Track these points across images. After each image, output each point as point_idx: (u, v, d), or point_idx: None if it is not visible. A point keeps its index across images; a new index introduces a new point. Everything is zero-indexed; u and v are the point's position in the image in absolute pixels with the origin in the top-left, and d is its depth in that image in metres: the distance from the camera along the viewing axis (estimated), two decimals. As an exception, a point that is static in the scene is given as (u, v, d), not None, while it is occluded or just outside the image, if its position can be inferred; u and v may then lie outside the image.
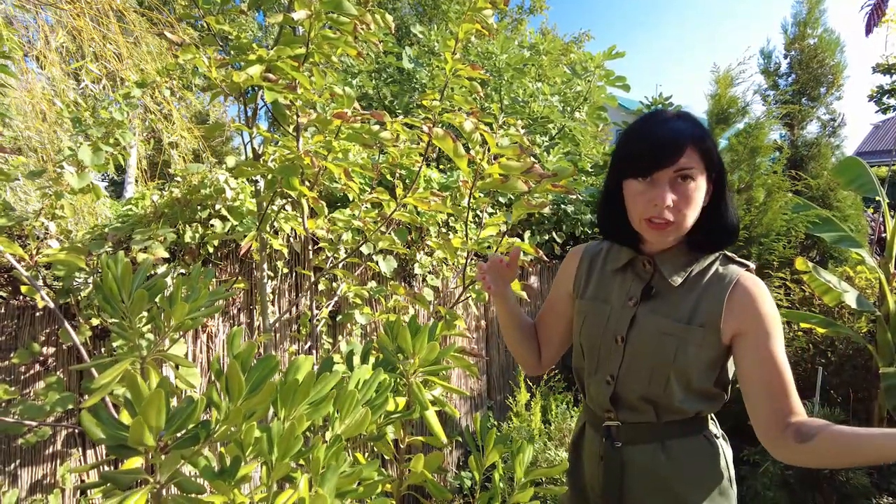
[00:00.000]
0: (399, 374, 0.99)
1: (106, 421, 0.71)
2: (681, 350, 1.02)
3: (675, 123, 1.00)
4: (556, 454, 2.29)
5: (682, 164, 0.97)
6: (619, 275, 1.14)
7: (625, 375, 1.07)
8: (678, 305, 1.04)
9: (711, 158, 1.01)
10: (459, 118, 1.46)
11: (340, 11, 1.47)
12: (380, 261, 2.53)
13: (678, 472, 1.04)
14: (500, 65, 4.92)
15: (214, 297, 1.03)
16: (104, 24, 4.57)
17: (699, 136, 0.99)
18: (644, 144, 1.00)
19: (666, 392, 1.03)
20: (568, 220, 3.38)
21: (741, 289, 1.01)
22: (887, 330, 2.87)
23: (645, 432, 1.08)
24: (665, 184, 0.98)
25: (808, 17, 4.75)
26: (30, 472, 1.98)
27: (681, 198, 0.98)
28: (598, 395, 1.12)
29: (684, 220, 0.99)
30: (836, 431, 0.86)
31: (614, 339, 1.09)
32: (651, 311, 1.06)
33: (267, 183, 1.56)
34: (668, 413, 1.05)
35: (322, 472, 0.75)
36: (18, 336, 1.95)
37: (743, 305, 1.00)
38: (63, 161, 1.87)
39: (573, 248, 1.28)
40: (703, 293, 1.03)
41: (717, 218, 1.05)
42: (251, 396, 0.73)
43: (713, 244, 1.06)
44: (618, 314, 1.10)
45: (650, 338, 1.05)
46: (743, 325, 0.99)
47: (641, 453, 1.08)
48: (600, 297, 1.14)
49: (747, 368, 0.99)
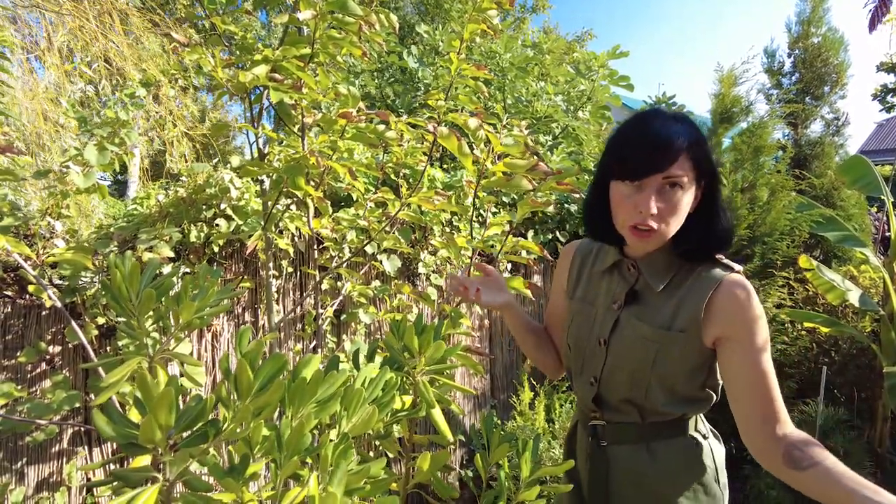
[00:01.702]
0: (405, 372, 1.00)
1: (117, 419, 0.72)
2: (660, 356, 1.00)
3: (670, 127, 0.95)
4: (561, 453, 2.29)
5: (671, 172, 0.93)
6: (605, 276, 1.13)
7: (607, 378, 1.08)
8: (659, 310, 1.03)
9: (702, 165, 0.97)
10: (464, 117, 1.46)
11: (345, 12, 1.48)
12: (384, 260, 2.53)
13: (662, 473, 1.04)
14: (504, 64, 4.92)
15: (222, 296, 1.03)
16: (106, 23, 4.59)
17: (694, 141, 0.95)
18: (636, 147, 0.96)
19: (648, 396, 1.03)
20: (571, 220, 3.39)
21: (723, 293, 0.98)
22: (891, 329, 2.87)
23: (630, 432, 1.08)
24: (652, 190, 0.94)
25: (812, 16, 4.74)
26: (36, 470, 1.99)
27: (666, 206, 0.95)
28: (582, 396, 1.14)
29: (667, 229, 0.96)
30: (823, 472, 0.85)
31: (598, 341, 1.09)
32: (633, 315, 1.05)
33: (272, 183, 1.57)
34: (652, 415, 1.05)
35: (331, 470, 0.75)
36: (25, 335, 1.96)
37: (724, 310, 0.97)
38: (69, 161, 1.88)
39: (566, 246, 1.27)
40: (683, 298, 1.01)
41: (707, 224, 1.01)
42: (260, 395, 0.74)
43: (702, 251, 1.02)
44: (602, 317, 1.10)
45: (630, 342, 1.04)
46: (725, 330, 0.97)
47: (626, 453, 1.08)
48: (588, 299, 1.15)
49: (730, 373, 0.97)
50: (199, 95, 7.28)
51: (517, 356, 3.30)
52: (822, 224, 3.28)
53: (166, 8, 6.22)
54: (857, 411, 3.11)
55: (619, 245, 1.11)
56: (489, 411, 3.11)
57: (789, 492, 2.57)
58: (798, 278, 3.37)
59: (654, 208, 0.94)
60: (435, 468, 1.04)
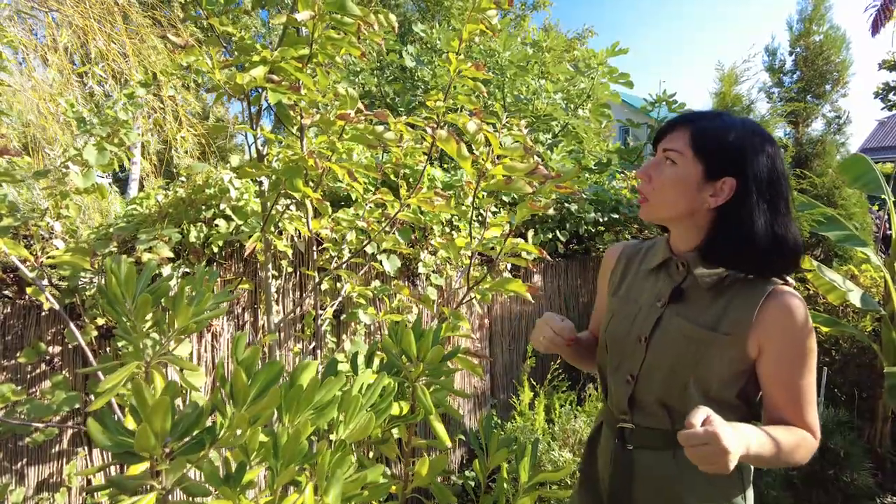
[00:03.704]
0: (403, 377, 0.99)
1: (112, 427, 0.71)
2: (702, 356, 0.98)
3: (696, 113, 1.03)
4: (560, 455, 2.29)
5: (666, 145, 1.01)
6: (652, 275, 1.13)
7: (644, 376, 1.06)
8: (705, 310, 1.01)
9: (710, 153, 0.98)
10: (463, 118, 1.46)
11: (344, 12, 1.47)
12: (384, 260, 2.53)
13: (689, 484, 1.02)
14: (503, 62, 4.91)
15: (219, 300, 1.03)
16: (110, 21, 4.58)
17: (702, 126, 1.00)
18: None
19: (683, 397, 1.01)
20: (572, 219, 3.38)
21: (776, 302, 0.95)
22: (892, 329, 2.86)
23: (658, 438, 1.06)
24: (654, 160, 1.03)
25: (814, 14, 4.73)
26: (36, 471, 1.99)
27: (657, 178, 1.01)
28: (616, 394, 1.12)
29: (655, 199, 1.02)
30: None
31: (638, 338, 1.07)
32: (677, 313, 1.04)
33: (271, 184, 1.57)
34: (683, 420, 1.03)
35: (327, 478, 0.75)
36: (24, 335, 1.96)
37: (774, 319, 0.95)
38: (68, 161, 1.87)
39: (610, 248, 1.28)
40: (732, 300, 0.99)
41: (733, 225, 0.98)
42: (256, 402, 0.73)
43: (728, 255, 0.99)
44: (645, 314, 1.08)
45: (672, 340, 1.03)
46: (769, 342, 0.95)
47: (652, 459, 1.06)
48: (631, 297, 1.14)
49: (766, 389, 0.96)
50: (202, 93, 7.27)
51: (517, 356, 3.30)
52: (824, 224, 3.27)
53: (166, 6, 6.21)
54: (858, 411, 3.11)
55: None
56: (489, 411, 3.11)
57: (789, 491, 2.57)
58: (799, 277, 3.37)
59: (645, 174, 1.02)
60: (434, 473, 1.04)
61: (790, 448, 0.91)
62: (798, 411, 0.94)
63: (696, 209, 1.01)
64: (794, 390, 0.94)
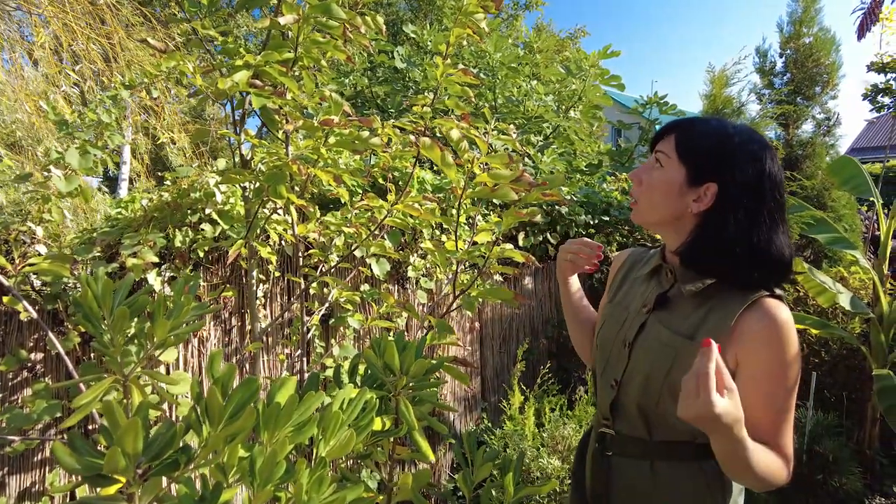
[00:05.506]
0: (386, 390, 0.98)
1: (80, 449, 0.69)
2: (677, 365, 0.95)
3: (687, 117, 1.05)
4: (549, 462, 2.28)
5: (657, 148, 1.03)
6: (645, 281, 1.13)
7: (626, 382, 1.05)
8: (686, 318, 0.99)
9: (694, 155, 0.98)
10: (450, 124, 1.44)
11: (329, 15, 1.45)
12: (373, 264, 2.51)
13: (663, 496, 1.00)
14: (494, 63, 4.90)
15: (198, 311, 1.01)
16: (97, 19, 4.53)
17: (687, 129, 1.01)
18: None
19: (658, 406, 0.99)
20: (562, 221, 3.37)
21: (756, 313, 0.91)
22: (881, 331, 2.88)
23: (637, 446, 1.05)
24: (646, 163, 1.06)
25: (804, 16, 4.74)
26: (18, 480, 1.96)
27: (647, 181, 1.03)
28: (602, 398, 1.13)
29: (643, 202, 1.04)
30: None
31: (623, 343, 1.08)
32: (659, 320, 1.03)
33: (254, 190, 1.54)
34: (659, 430, 1.01)
35: (305, 499, 0.73)
36: (6, 342, 1.92)
37: (751, 331, 0.90)
38: (50, 164, 1.84)
39: (618, 253, 1.30)
40: (712, 309, 0.96)
41: (709, 232, 0.96)
42: (232, 422, 0.71)
43: (703, 263, 0.97)
44: (631, 319, 1.09)
45: (650, 347, 1.02)
46: (746, 355, 0.90)
47: (629, 467, 1.06)
48: (623, 303, 1.15)
49: (745, 402, 0.88)
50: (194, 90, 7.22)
51: (508, 359, 3.29)
52: (813, 226, 3.29)
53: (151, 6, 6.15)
54: (847, 413, 3.12)
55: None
56: (479, 415, 3.10)
57: (780, 497, 2.57)
58: (789, 279, 3.37)
59: (636, 176, 1.04)
60: (417, 487, 1.02)
61: (766, 467, 0.87)
62: (772, 432, 0.90)
63: (681, 214, 1.00)
64: (770, 410, 0.90)
